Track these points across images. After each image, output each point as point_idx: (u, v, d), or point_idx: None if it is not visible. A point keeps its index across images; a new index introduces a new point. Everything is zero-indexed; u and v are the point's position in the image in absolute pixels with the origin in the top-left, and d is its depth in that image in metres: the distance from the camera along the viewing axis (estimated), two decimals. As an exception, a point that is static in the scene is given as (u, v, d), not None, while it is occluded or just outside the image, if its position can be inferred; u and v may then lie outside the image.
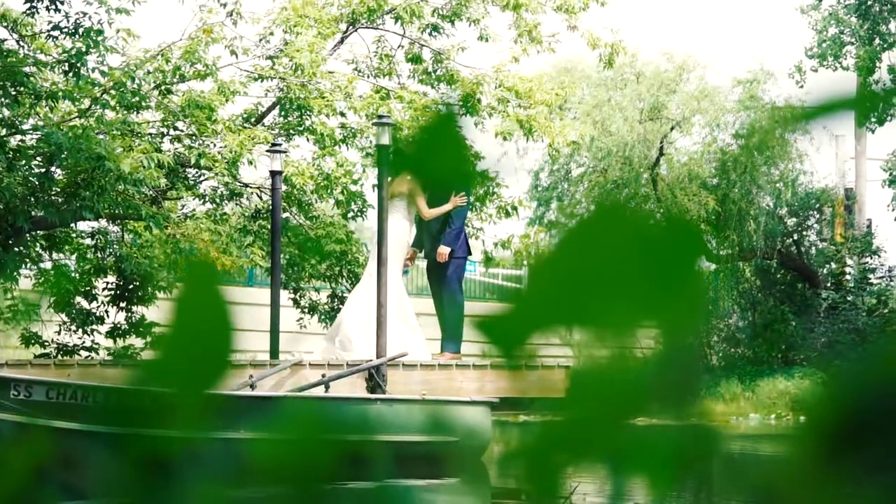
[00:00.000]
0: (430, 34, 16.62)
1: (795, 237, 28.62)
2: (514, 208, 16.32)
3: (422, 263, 14.51)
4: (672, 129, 28.36)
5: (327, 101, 15.24)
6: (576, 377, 1.16)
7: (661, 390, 1.12)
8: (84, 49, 12.97)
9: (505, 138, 16.58)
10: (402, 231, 13.07)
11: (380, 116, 13.23)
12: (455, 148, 1.21)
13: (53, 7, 12.93)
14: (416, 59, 16.70)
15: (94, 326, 14.67)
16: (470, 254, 13.98)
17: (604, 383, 1.13)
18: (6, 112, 13.26)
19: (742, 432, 21.70)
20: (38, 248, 14.19)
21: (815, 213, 29.09)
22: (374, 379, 12.13)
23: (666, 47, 29.72)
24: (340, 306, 16.54)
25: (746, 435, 20.98)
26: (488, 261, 16.77)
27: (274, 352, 13.32)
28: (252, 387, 11.49)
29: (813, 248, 29.04)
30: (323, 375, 11.77)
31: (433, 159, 1.21)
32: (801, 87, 29.26)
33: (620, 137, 27.38)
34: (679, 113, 28.05)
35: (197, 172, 15.35)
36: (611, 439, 1.12)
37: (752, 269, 28.63)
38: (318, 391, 11.47)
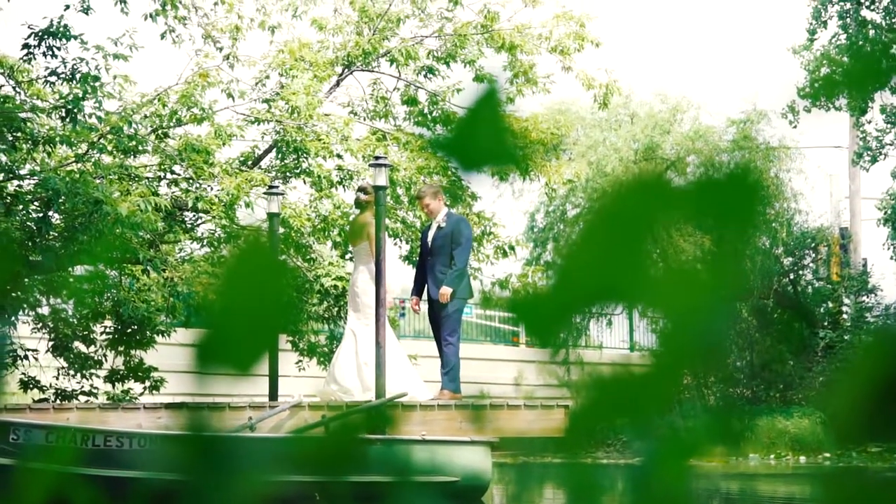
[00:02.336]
0: (425, 76, 16.71)
1: (792, 276, 28.65)
2: (512, 248, 16.33)
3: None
4: (667, 169, 28.46)
5: (324, 143, 15.29)
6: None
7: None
8: (81, 94, 13.02)
9: (502, 178, 16.66)
10: (369, 275, 13.06)
11: (376, 158, 13.27)
12: (498, 125, 1.21)
13: (50, 53, 12.98)
14: (411, 101, 16.77)
15: (93, 370, 14.65)
16: (471, 296, 13.90)
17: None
18: (3, 157, 13.30)
19: (741, 472, 21.63)
20: (36, 294, 14.17)
21: (811, 252, 29.15)
22: (374, 419, 12.09)
23: (660, 88, 29.91)
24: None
25: (746, 474, 20.92)
26: (486, 301, 16.77)
27: (273, 394, 13.28)
28: (251, 428, 11.46)
29: (809, 287, 29.07)
30: (323, 417, 11.73)
31: (476, 139, 1.21)
32: (795, 127, 29.38)
33: (615, 178, 27.43)
34: (674, 153, 28.17)
35: (194, 216, 15.37)
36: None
37: (748, 308, 28.66)
38: (319, 432, 11.43)
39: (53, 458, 9.69)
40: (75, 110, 12.95)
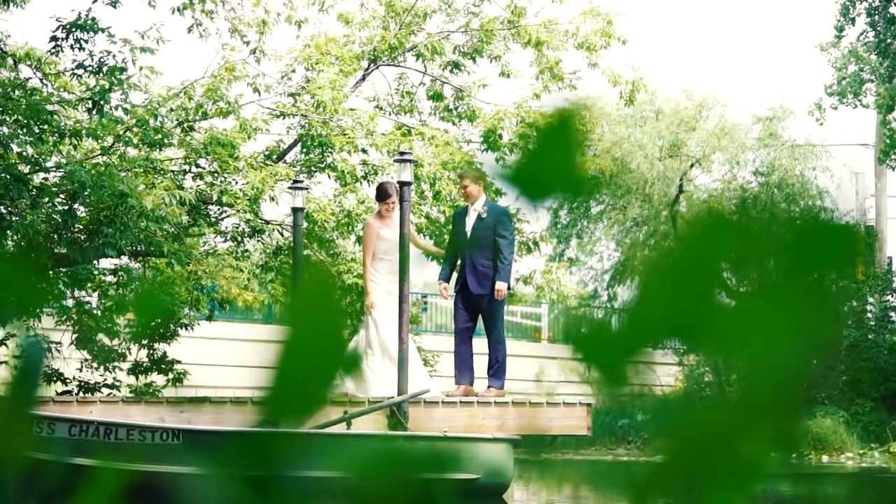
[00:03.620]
0: (451, 71, 16.68)
1: (817, 275, 28.49)
2: (536, 244, 16.29)
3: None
4: (692, 166, 28.37)
5: (349, 137, 15.28)
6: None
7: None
8: (107, 87, 13.03)
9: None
10: (374, 272, 13.04)
11: (401, 153, 13.25)
12: (569, 155, 1.17)
13: (78, 46, 12.99)
14: (437, 96, 16.74)
15: (116, 363, 14.68)
16: (510, 288, 13.69)
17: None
18: (30, 150, 13.33)
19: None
20: (60, 286, 14.22)
21: (836, 250, 28.98)
22: (396, 416, 12.09)
23: (685, 85, 29.77)
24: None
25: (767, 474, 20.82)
26: (510, 297, 16.72)
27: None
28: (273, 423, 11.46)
29: (833, 285, 28.91)
30: (345, 412, 11.73)
31: (544, 168, 1.17)
32: (821, 124, 29.25)
33: (640, 174, 27.39)
34: (699, 150, 28.07)
35: (219, 209, 15.39)
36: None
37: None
38: (340, 428, 11.44)
39: (77, 451, 9.70)
40: (101, 103, 12.96)
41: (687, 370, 29.00)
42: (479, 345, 13.77)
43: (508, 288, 13.09)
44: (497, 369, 13.02)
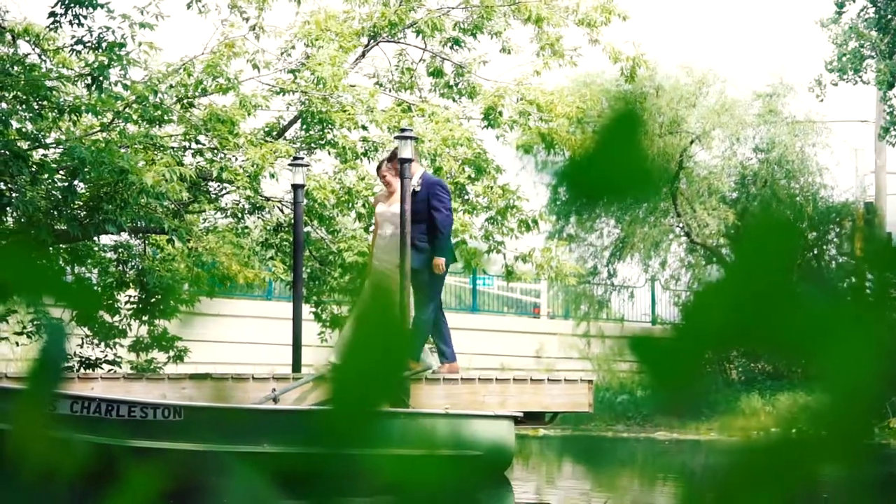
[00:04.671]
0: (451, 48, 16.63)
1: (815, 251, 28.51)
2: (535, 222, 16.26)
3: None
4: (692, 143, 28.34)
5: (349, 114, 15.24)
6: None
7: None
8: (107, 63, 12.98)
9: (526, 151, 16.58)
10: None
11: (401, 130, 13.21)
12: (638, 152, 1.11)
13: (76, 22, 12.94)
14: (437, 73, 16.70)
15: (117, 340, 14.68)
16: (456, 261, 13.17)
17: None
18: (29, 126, 13.30)
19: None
20: (60, 262, 14.20)
21: (836, 227, 29.01)
22: (398, 393, 12.10)
23: (685, 61, 29.75)
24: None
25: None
26: (510, 275, 16.72)
27: (296, 366, 13.29)
28: (275, 400, 11.48)
29: (833, 262, 28.93)
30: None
31: (613, 167, 1.11)
32: (822, 100, 29.20)
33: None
34: (699, 127, 28.03)
35: (219, 186, 15.37)
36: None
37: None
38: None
39: (79, 428, 9.68)
40: (101, 79, 12.92)
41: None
42: (486, 321, 13.77)
43: (453, 261, 12.65)
44: (442, 343, 12.51)
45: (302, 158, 14.28)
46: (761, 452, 1.02)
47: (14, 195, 12.27)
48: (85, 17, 12.90)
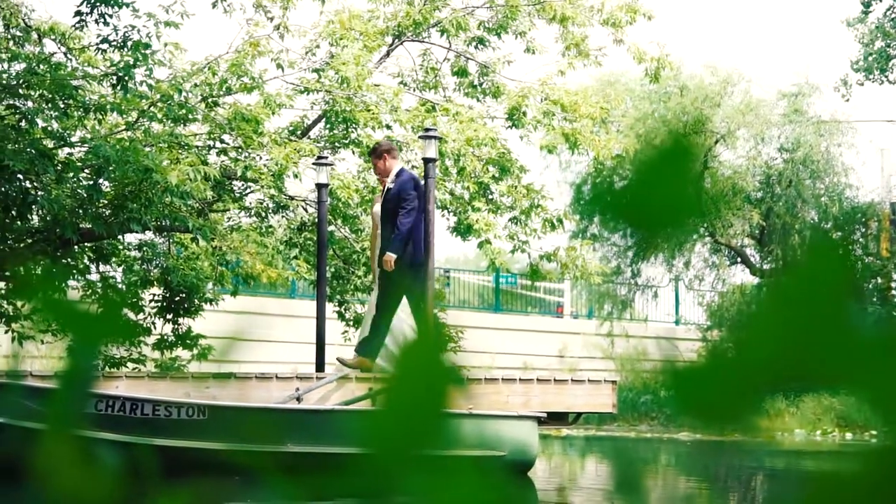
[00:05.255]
0: (475, 47, 16.61)
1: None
2: (560, 221, 16.23)
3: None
4: (716, 142, 28.24)
5: (373, 113, 15.24)
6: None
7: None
8: (132, 62, 13.01)
9: (550, 151, 16.55)
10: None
11: (425, 129, 13.20)
12: (685, 185, 1.08)
13: (102, 21, 12.98)
14: (461, 72, 16.69)
15: (141, 338, 14.72)
16: (418, 260, 12.38)
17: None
18: (55, 125, 13.34)
19: (786, 448, 21.52)
20: (85, 260, 14.25)
21: (861, 227, 28.87)
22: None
23: (710, 60, 29.67)
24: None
25: (791, 451, 20.80)
26: (534, 274, 16.68)
27: (320, 365, 13.30)
28: (298, 400, 11.48)
29: (858, 262, 28.79)
30: (370, 389, 11.74)
31: (658, 198, 1.08)
32: (847, 100, 29.07)
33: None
34: (723, 126, 27.94)
35: (243, 185, 15.39)
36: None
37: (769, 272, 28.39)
38: (365, 405, 11.45)
39: (103, 426, 9.69)
40: (126, 78, 12.95)
41: (710, 346, 28.92)
42: (508, 320, 13.71)
43: (417, 261, 12.17)
44: (367, 343, 12.10)
45: (326, 157, 14.29)
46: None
47: (40, 194, 12.31)
48: (110, 16, 12.94)
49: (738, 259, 29.84)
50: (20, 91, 12.57)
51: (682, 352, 30.44)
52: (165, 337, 15.07)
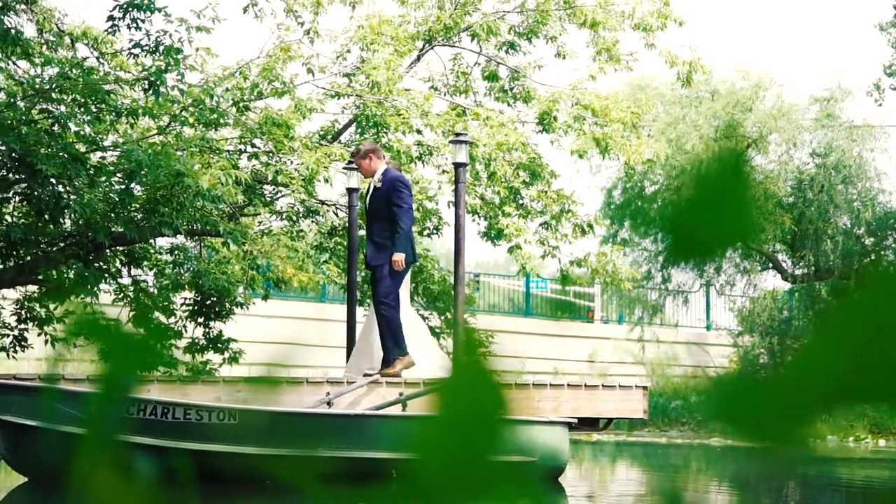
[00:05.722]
0: (506, 52, 16.60)
1: (873, 257, 28.18)
2: (591, 226, 16.20)
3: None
4: (748, 147, 28.12)
5: (403, 118, 15.25)
6: None
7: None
8: (164, 67, 13.06)
9: (580, 156, 16.52)
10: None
11: (456, 134, 13.20)
12: (742, 199, 1.06)
13: (134, 25, 13.03)
14: (492, 77, 16.68)
15: (173, 341, 14.75)
16: (416, 260, 12.60)
17: None
18: (88, 129, 13.40)
19: (819, 455, 21.39)
20: (117, 264, 14.30)
21: (894, 232, 28.67)
22: (451, 397, 12.05)
23: (742, 64, 29.53)
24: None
25: (824, 457, 20.68)
26: (565, 279, 16.65)
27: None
28: (329, 404, 11.48)
29: (892, 268, 28.56)
30: (400, 394, 11.73)
31: (712, 217, 1.06)
32: (880, 105, 28.90)
33: (695, 155, 27.17)
34: (755, 131, 27.82)
35: (274, 189, 15.42)
36: None
37: (828, 289, 28.26)
38: (396, 409, 11.44)
39: (135, 430, 9.73)
40: (158, 82, 12.99)
41: (741, 351, 28.82)
42: (538, 325, 13.68)
43: (413, 259, 12.25)
44: (394, 340, 12.08)
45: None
46: None
47: (72, 198, 12.36)
48: (143, 21, 12.98)
49: (770, 264, 29.69)
50: (53, 95, 12.63)
51: (712, 357, 30.32)
52: (196, 340, 15.11)
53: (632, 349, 30.23)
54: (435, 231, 16.14)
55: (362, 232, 15.61)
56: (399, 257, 11.81)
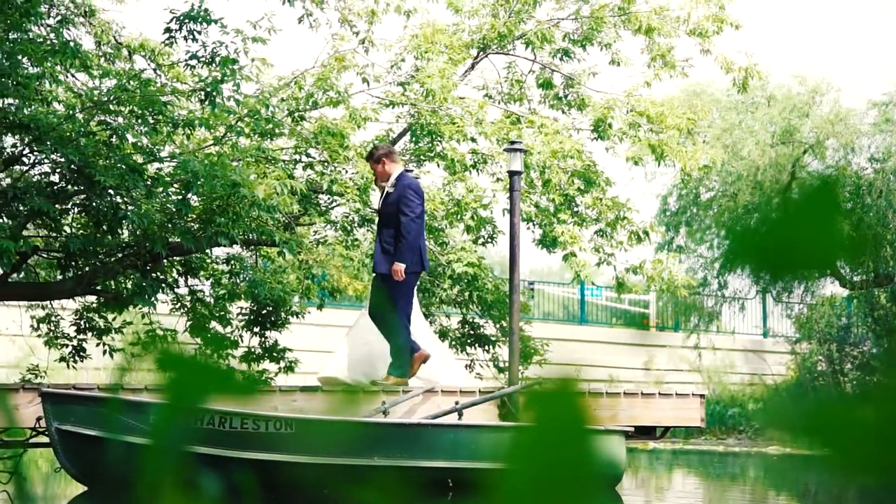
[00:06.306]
0: (561, 59, 16.57)
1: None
2: (646, 233, 16.13)
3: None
4: (804, 152, 27.90)
5: (458, 126, 15.25)
6: None
7: None
8: (220, 77, 13.13)
9: (636, 163, 16.45)
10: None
11: (510, 142, 13.19)
12: (832, 228, 1.04)
13: (191, 37, 13.11)
14: (546, 84, 16.65)
15: (229, 351, 14.82)
16: (424, 269, 12.44)
17: None
18: (145, 140, 13.50)
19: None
20: (174, 274, 14.40)
21: (954, 238, 28.31)
22: (507, 406, 12.05)
23: (798, 70, 29.30)
24: (471, 332, 16.52)
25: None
26: (620, 287, 16.58)
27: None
28: (385, 413, 11.49)
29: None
30: (456, 402, 11.72)
31: (801, 241, 1.04)
32: (939, 109, 28.52)
33: (751, 161, 27.02)
34: (812, 136, 27.60)
35: (329, 199, 15.46)
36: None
37: (887, 295, 27.98)
38: (452, 418, 11.43)
39: (192, 440, 9.79)
40: (214, 93, 13.06)
41: (799, 359, 28.56)
42: (593, 332, 13.64)
43: (421, 269, 12.15)
44: (395, 356, 12.13)
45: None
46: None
47: (130, 208, 12.45)
48: (199, 33, 13.07)
49: (828, 271, 29.42)
50: (111, 107, 12.73)
51: (770, 365, 30.06)
52: (252, 350, 15.18)
53: (688, 357, 30.04)
54: (490, 239, 16.12)
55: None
56: (399, 267, 11.78)
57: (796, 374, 28.17)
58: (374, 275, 12.53)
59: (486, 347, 16.52)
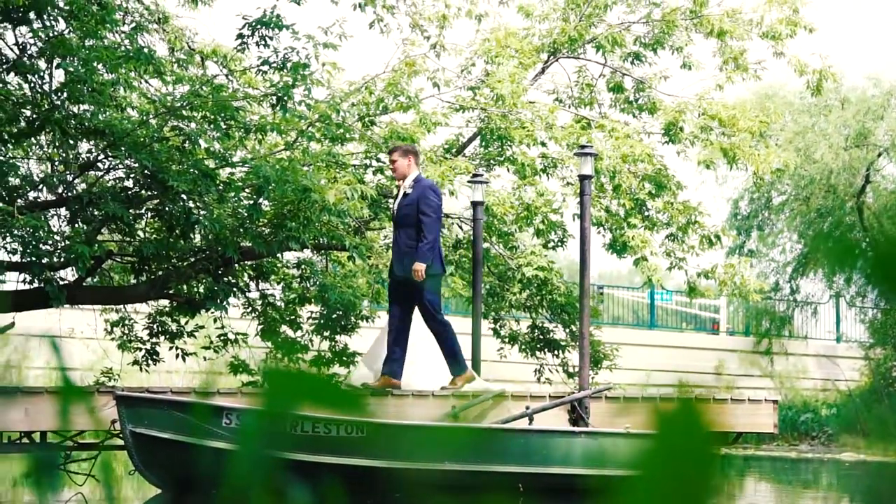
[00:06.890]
0: (631, 63, 16.49)
1: None
2: (718, 237, 16.00)
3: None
4: (879, 155, 27.57)
5: (528, 131, 15.23)
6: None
7: None
8: (291, 83, 13.19)
9: (707, 167, 16.33)
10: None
11: (581, 146, 13.14)
12: None
13: (263, 43, 13.19)
14: (617, 88, 16.57)
15: (299, 355, 14.89)
16: (444, 271, 12.39)
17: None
18: (217, 145, 13.60)
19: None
20: (245, 278, 14.49)
21: None
22: (577, 411, 12.01)
23: (872, 72, 28.95)
24: (541, 336, 16.47)
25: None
26: (692, 291, 16.46)
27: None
28: (455, 417, 11.49)
29: None
30: (527, 407, 11.70)
31: None
32: None
33: (824, 165, 26.72)
34: (886, 139, 27.25)
35: (399, 203, 15.48)
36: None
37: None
38: (523, 423, 11.41)
39: (265, 442, 9.89)
40: (285, 99, 13.13)
41: (873, 364, 28.19)
42: (664, 337, 13.53)
43: (442, 271, 12.06)
44: (450, 356, 12.07)
45: (481, 175, 14.31)
46: None
47: (202, 213, 12.56)
48: (271, 39, 13.14)
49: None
50: (184, 113, 12.84)
51: (843, 370, 29.70)
52: (322, 354, 15.24)
53: (759, 361, 29.76)
54: (560, 244, 16.06)
55: (487, 245, 15.60)
56: (419, 267, 11.69)
57: (870, 379, 27.79)
58: (388, 280, 12.46)
59: (556, 352, 16.46)
